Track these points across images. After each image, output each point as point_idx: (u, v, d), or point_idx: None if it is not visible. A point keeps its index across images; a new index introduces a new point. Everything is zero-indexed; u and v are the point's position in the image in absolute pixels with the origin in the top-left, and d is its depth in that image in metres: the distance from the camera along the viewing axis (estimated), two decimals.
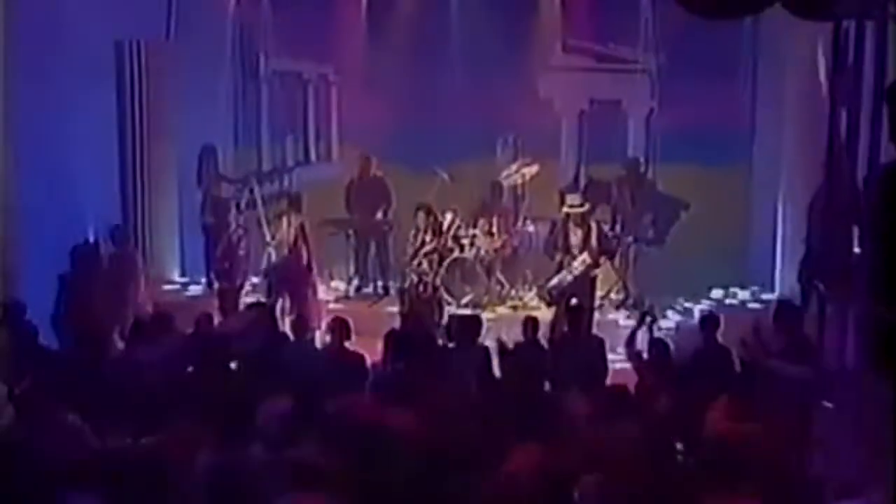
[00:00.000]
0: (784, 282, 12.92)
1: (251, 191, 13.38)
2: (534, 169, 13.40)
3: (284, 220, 12.34)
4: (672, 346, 8.90)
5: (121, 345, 9.94)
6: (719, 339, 9.27)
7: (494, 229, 13.18)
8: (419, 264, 12.23)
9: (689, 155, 13.57)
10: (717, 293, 13.50)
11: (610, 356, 9.60)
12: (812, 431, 6.39)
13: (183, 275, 14.40)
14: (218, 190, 13.70)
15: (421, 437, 6.92)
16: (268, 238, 13.18)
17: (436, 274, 12.26)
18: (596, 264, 11.71)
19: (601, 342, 9.62)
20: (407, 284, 12.16)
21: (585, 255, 11.58)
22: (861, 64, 6.39)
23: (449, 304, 12.55)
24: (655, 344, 8.90)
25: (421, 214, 12.37)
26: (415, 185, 13.36)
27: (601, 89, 14.36)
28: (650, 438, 6.87)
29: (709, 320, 9.50)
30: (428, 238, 12.28)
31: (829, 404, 6.36)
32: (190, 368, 9.10)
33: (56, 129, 11.80)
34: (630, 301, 13.04)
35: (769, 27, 12.95)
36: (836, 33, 6.40)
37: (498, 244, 13.25)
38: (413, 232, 12.46)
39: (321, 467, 6.32)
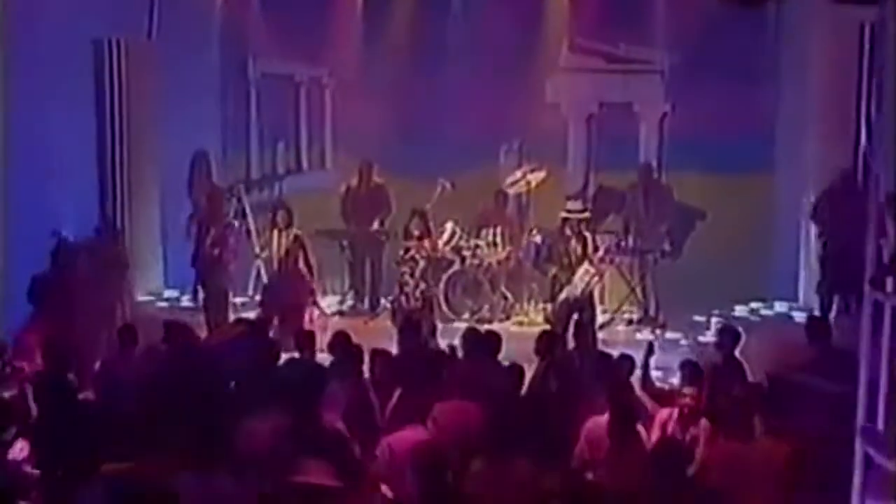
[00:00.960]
0: (809, 295, 12.89)
1: (238, 200, 13.40)
2: (540, 175, 13.28)
3: (275, 231, 12.27)
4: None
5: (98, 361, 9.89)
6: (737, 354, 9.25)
7: (498, 240, 13.12)
8: (406, 272, 12.05)
9: (705, 161, 13.54)
10: (739, 308, 13.45)
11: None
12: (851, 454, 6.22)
13: (167, 286, 14.30)
14: (206, 199, 13.45)
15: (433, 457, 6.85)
16: (257, 250, 13.18)
17: (425, 283, 12.07)
18: (599, 274, 11.61)
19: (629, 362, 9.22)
20: (394, 295, 12.08)
21: (587, 266, 11.41)
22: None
23: (451, 319, 12.52)
24: (685, 366, 8.70)
25: (416, 220, 12.17)
26: (414, 194, 13.19)
27: (611, 91, 14.32)
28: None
29: (726, 333, 9.38)
30: (414, 246, 12.10)
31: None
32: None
33: (31, 131, 11.80)
34: (645, 317, 13.01)
35: (793, 22, 12.98)
36: (865, 28, 6.15)
37: (502, 256, 13.17)
38: (403, 239, 12.32)
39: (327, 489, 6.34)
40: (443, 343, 10.59)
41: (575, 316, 11.27)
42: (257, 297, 12.97)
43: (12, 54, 11.46)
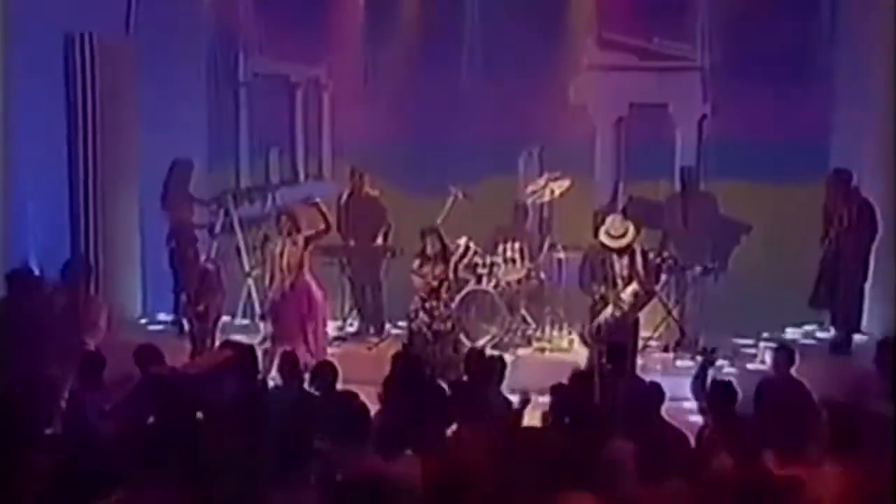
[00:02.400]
0: (874, 317, 12.75)
1: (226, 212, 13.50)
2: (564, 184, 13.15)
3: (280, 243, 11.99)
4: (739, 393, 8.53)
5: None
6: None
7: (517, 257, 13.03)
8: (429, 301, 12.04)
9: (750, 169, 13.43)
10: (791, 331, 13.39)
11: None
12: None
13: (144, 311, 14.28)
14: (188, 212, 13.55)
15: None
16: (247, 267, 13.29)
17: (448, 309, 12.11)
18: (649, 296, 11.49)
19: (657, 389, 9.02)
20: (415, 324, 12.04)
21: (636, 286, 11.28)
22: None
23: (465, 344, 12.31)
24: (717, 388, 8.59)
25: (429, 240, 12.07)
26: (422, 206, 13.24)
27: (643, 91, 14.20)
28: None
29: (781, 353, 9.32)
30: (438, 271, 12.08)
31: None
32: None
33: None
34: (684, 341, 12.87)
35: (851, 14, 12.94)
36: None
37: (521, 274, 13.06)
38: (418, 262, 12.17)
39: None
40: None
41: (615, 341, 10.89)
42: (245, 321, 13.14)
43: None
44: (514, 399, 8.90)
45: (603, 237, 11.31)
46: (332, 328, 13.37)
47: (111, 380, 9.50)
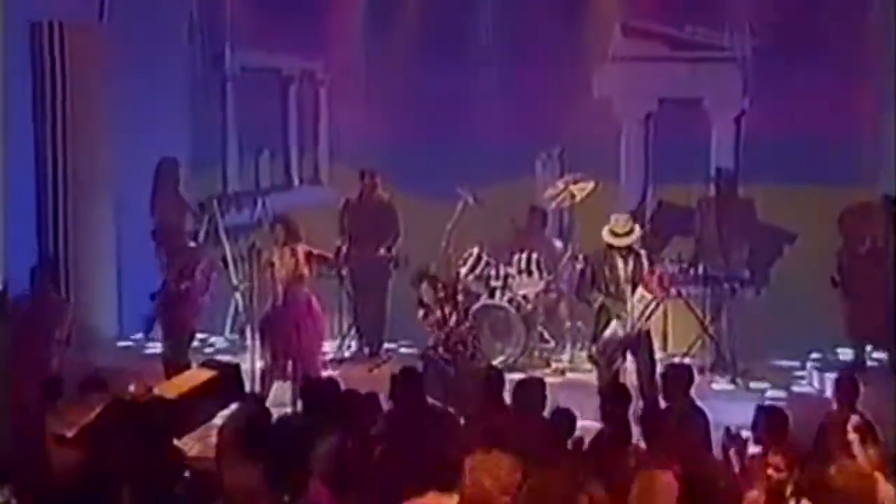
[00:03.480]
0: None
1: (210, 219, 13.47)
2: (586, 186, 13.04)
3: (275, 253, 11.84)
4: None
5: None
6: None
7: (534, 267, 12.96)
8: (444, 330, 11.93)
9: (793, 171, 13.31)
10: (843, 351, 13.16)
11: None
12: None
13: (121, 331, 14.17)
14: (177, 218, 13.54)
15: None
16: (234, 280, 13.19)
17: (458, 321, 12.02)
18: (659, 300, 11.17)
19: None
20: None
21: (642, 290, 10.98)
22: None
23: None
24: (767, 413, 8.40)
25: (423, 288, 12.03)
26: (429, 213, 13.24)
27: (675, 85, 14.09)
28: None
29: (844, 383, 9.04)
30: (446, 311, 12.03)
31: None
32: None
33: None
34: (721, 361, 12.76)
35: None
36: None
37: (539, 287, 12.98)
38: (422, 313, 12.10)
39: None
40: None
41: (627, 356, 11.04)
42: (229, 338, 13.32)
43: None
44: None
45: (606, 236, 11.13)
46: (328, 348, 13.24)
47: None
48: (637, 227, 11.19)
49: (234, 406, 9.31)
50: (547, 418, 8.68)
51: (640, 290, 10.99)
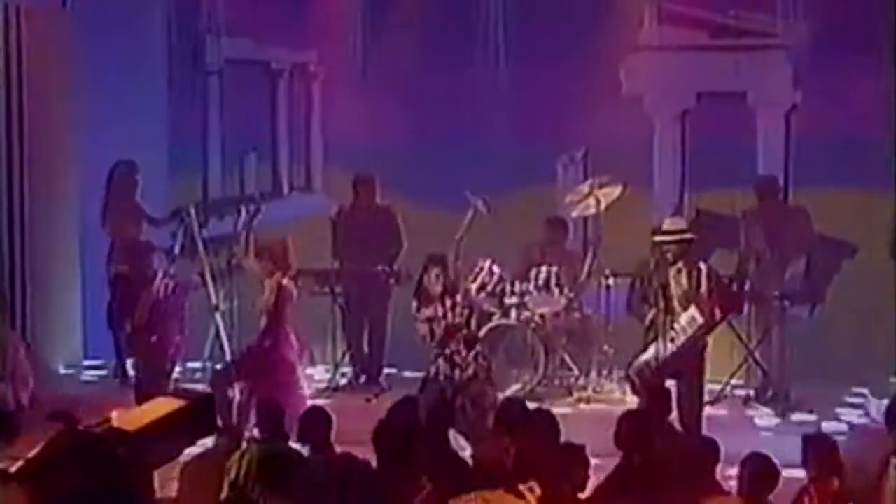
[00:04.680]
0: None
1: (186, 231, 13.18)
2: (613, 192, 12.99)
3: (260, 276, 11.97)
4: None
5: None
6: None
7: (554, 283, 12.81)
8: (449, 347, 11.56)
9: (852, 174, 13.24)
10: None
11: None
12: None
13: (88, 355, 14.23)
14: (135, 230, 13.38)
15: None
16: (214, 300, 12.90)
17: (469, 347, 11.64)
18: (710, 325, 11.03)
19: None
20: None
21: (694, 311, 10.90)
22: None
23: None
24: (816, 442, 8.46)
25: (432, 274, 11.58)
26: (434, 223, 13.10)
27: (715, 77, 13.98)
28: None
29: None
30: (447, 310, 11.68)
31: None
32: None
33: None
34: (767, 390, 12.71)
35: None
36: None
37: (560, 306, 12.90)
38: (416, 304, 11.75)
39: None
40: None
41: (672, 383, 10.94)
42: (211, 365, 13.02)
43: None
44: None
45: (657, 237, 11.23)
46: (320, 372, 13.59)
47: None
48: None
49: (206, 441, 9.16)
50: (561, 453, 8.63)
51: (692, 310, 10.95)
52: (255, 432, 10.10)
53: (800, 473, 8.67)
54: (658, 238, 11.21)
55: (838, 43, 13.24)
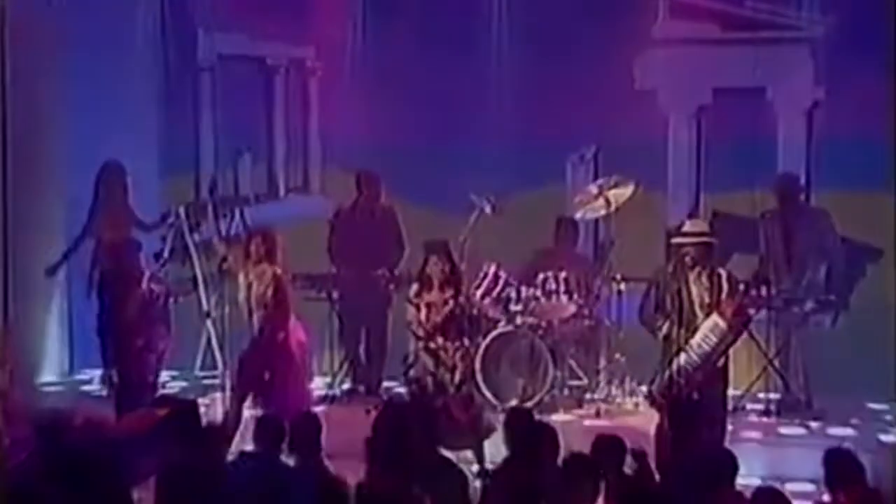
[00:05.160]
0: None
1: (177, 233, 13.23)
2: (625, 192, 12.88)
3: (248, 273, 11.83)
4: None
5: None
6: None
7: (562, 289, 12.71)
8: (433, 340, 11.77)
9: (878, 175, 13.18)
10: None
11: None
12: None
13: (75, 366, 14.24)
14: (124, 235, 13.18)
15: None
16: (206, 306, 13.03)
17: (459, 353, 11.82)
18: (736, 332, 10.84)
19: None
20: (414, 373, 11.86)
21: (717, 318, 10.73)
22: None
23: (493, 405, 12.16)
24: (838, 457, 8.37)
25: (434, 259, 11.80)
26: (437, 226, 13.07)
27: (733, 72, 13.85)
28: None
29: None
30: (445, 300, 11.83)
31: None
32: None
33: None
34: (789, 402, 12.66)
35: None
36: None
37: (569, 312, 12.79)
38: (416, 287, 11.98)
39: None
40: None
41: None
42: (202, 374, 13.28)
43: None
44: None
45: (676, 239, 11.09)
46: (317, 383, 13.34)
47: None
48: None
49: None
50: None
51: (714, 317, 10.80)
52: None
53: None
54: (677, 240, 11.11)
55: (863, 36, 13.17)
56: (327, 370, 13.59)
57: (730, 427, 11.48)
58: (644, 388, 11.74)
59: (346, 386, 13.45)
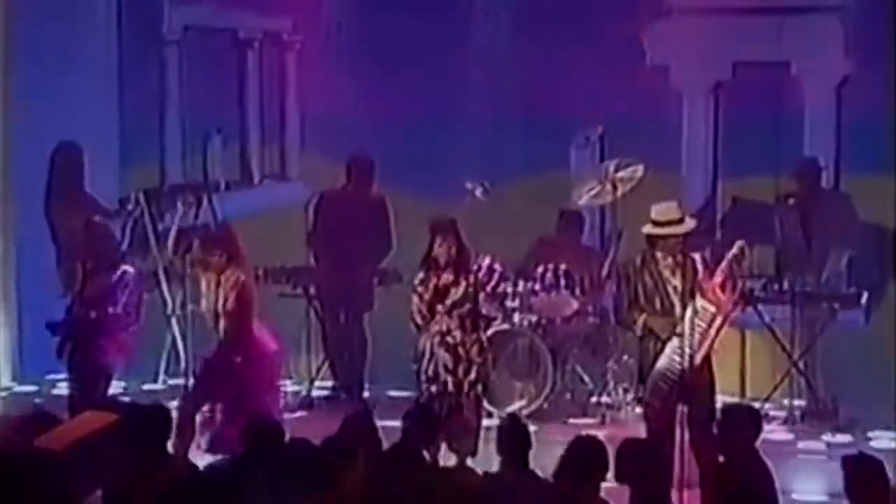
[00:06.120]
0: None
1: (136, 222, 13.43)
2: (633, 175, 12.78)
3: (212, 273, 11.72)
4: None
5: None
6: None
7: (564, 283, 12.80)
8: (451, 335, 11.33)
9: None
10: None
11: None
12: None
13: (24, 375, 14.20)
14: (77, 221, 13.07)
15: None
16: (170, 305, 13.15)
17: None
18: (725, 310, 10.61)
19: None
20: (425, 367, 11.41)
21: (701, 301, 10.52)
22: None
23: (488, 412, 12.04)
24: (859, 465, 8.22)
25: (442, 239, 11.41)
26: (427, 215, 12.57)
27: (753, 45, 13.73)
28: None
29: None
30: (453, 281, 11.39)
31: None
32: None
33: None
34: (815, 408, 12.66)
35: None
36: None
37: (572, 309, 12.78)
38: (422, 274, 11.50)
39: None
40: None
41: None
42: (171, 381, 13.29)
43: None
44: None
45: (647, 228, 10.82)
46: (292, 387, 13.53)
47: None
48: (689, 219, 10.90)
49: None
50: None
51: (697, 300, 10.62)
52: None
53: None
54: (647, 230, 10.85)
55: None
56: (303, 374, 13.62)
57: None
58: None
59: (324, 391, 13.47)
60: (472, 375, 11.46)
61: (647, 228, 10.86)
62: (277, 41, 14.94)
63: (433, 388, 11.42)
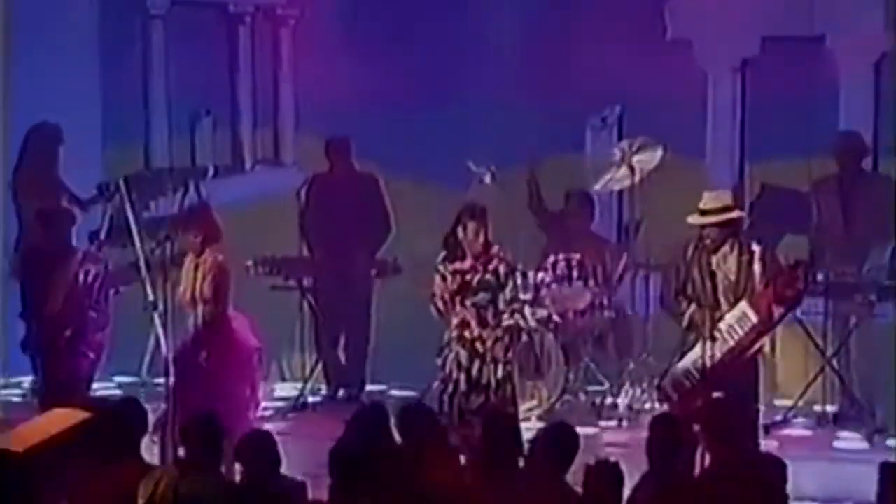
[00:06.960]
0: None
1: (118, 209, 13.01)
2: (652, 158, 12.69)
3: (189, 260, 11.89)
4: None
5: None
6: None
7: (577, 275, 12.76)
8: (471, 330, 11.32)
9: None
10: None
11: None
12: None
13: (8, 371, 14.23)
14: (53, 203, 13.38)
15: None
16: (150, 296, 12.46)
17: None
18: (767, 324, 10.76)
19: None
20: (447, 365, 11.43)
21: (745, 307, 10.65)
22: None
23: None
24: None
25: (471, 225, 11.32)
26: (429, 201, 13.21)
27: (785, 18, 13.65)
28: None
29: None
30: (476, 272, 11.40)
31: None
32: None
33: None
34: (850, 410, 12.54)
35: None
36: None
37: (585, 302, 12.77)
38: (444, 255, 11.45)
39: None
40: None
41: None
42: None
43: None
44: None
45: (692, 219, 10.94)
46: (288, 390, 13.60)
47: None
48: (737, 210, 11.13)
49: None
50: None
51: (743, 305, 10.70)
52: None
53: None
54: (694, 220, 10.99)
55: None
56: (297, 373, 13.75)
57: (781, 436, 11.70)
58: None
59: (320, 392, 13.52)
60: (500, 373, 11.40)
61: (694, 219, 10.93)
62: (271, 15, 14.96)
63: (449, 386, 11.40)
